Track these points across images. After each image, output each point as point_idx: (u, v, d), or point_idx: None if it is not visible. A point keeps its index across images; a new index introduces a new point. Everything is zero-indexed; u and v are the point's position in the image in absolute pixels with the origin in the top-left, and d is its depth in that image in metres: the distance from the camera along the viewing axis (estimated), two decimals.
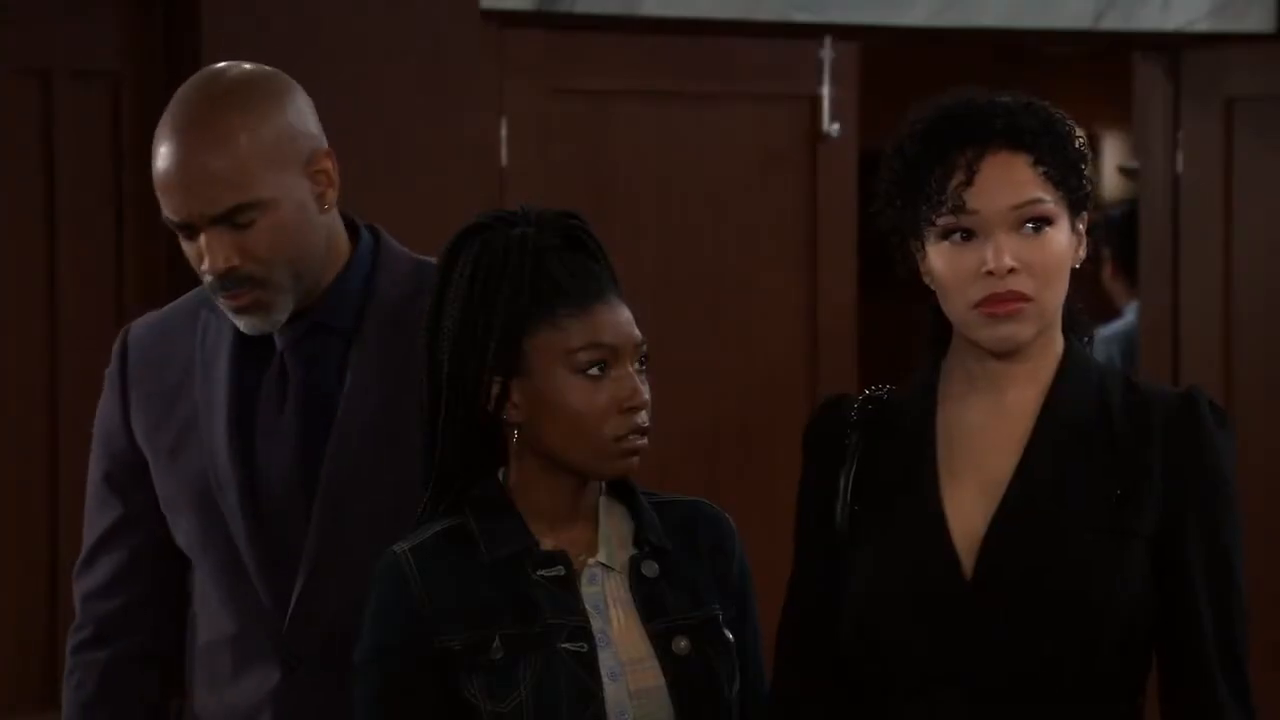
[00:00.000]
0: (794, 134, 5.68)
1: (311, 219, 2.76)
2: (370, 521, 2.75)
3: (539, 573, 2.52)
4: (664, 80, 5.54)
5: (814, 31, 5.62)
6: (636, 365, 2.53)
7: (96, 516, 2.91)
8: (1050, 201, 2.45)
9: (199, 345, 2.84)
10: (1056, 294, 2.46)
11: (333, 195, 2.79)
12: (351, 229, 2.86)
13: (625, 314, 2.54)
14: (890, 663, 2.45)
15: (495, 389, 2.52)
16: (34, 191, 4.83)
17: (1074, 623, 2.39)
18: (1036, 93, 2.58)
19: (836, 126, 5.66)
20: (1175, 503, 2.44)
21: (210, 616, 2.85)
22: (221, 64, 2.79)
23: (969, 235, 2.44)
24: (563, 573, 2.52)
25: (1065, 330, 2.53)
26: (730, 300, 5.64)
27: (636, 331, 2.54)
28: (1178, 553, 2.43)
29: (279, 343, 2.79)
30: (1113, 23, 5.78)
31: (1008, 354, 2.47)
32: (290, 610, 2.77)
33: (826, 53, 5.64)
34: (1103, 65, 7.62)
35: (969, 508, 2.46)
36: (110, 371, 2.91)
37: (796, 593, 2.56)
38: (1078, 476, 2.45)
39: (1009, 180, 2.44)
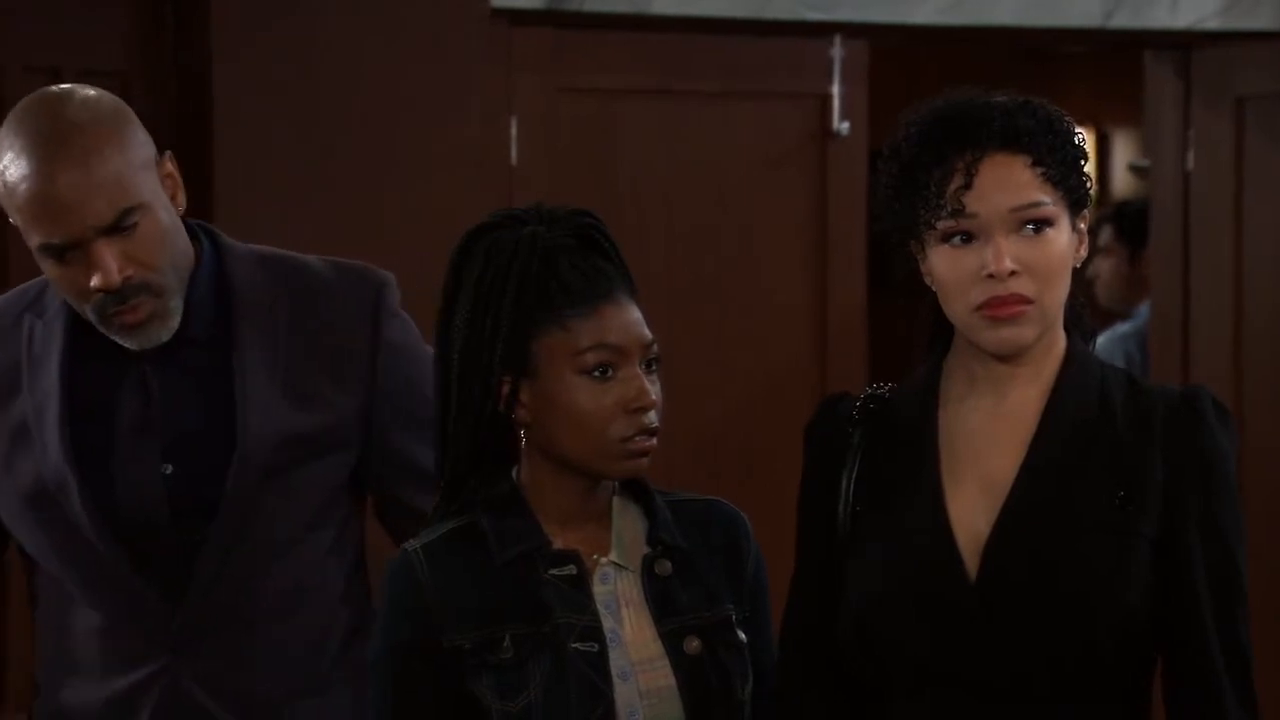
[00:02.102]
0: (804, 133, 5.68)
1: (175, 221, 2.78)
2: (272, 518, 2.80)
3: (550, 572, 2.51)
4: (674, 79, 5.54)
5: (824, 30, 5.61)
6: (646, 366, 2.53)
7: None
8: (1050, 202, 2.44)
9: (24, 352, 2.84)
10: (1058, 295, 2.45)
11: (182, 198, 2.81)
12: (189, 233, 2.87)
13: (634, 314, 2.53)
14: (892, 663, 2.45)
15: (504, 389, 2.52)
16: None
17: (1077, 623, 2.39)
18: (1046, 91, 2.57)
19: (846, 125, 5.65)
20: (1177, 502, 2.43)
21: (70, 616, 2.85)
22: (55, 88, 2.80)
23: (969, 238, 2.43)
24: (574, 572, 2.52)
25: (1068, 329, 2.52)
26: (739, 299, 5.64)
27: (645, 332, 2.53)
28: (1180, 553, 2.42)
29: (133, 352, 2.79)
30: (1122, 21, 5.78)
31: (1010, 356, 2.46)
32: (188, 606, 2.79)
33: (836, 51, 5.64)
34: (1113, 64, 7.61)
35: (971, 508, 2.45)
36: None
37: (799, 592, 2.55)
38: (1081, 477, 2.44)
39: (1008, 182, 2.43)
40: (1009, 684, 2.41)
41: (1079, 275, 2.51)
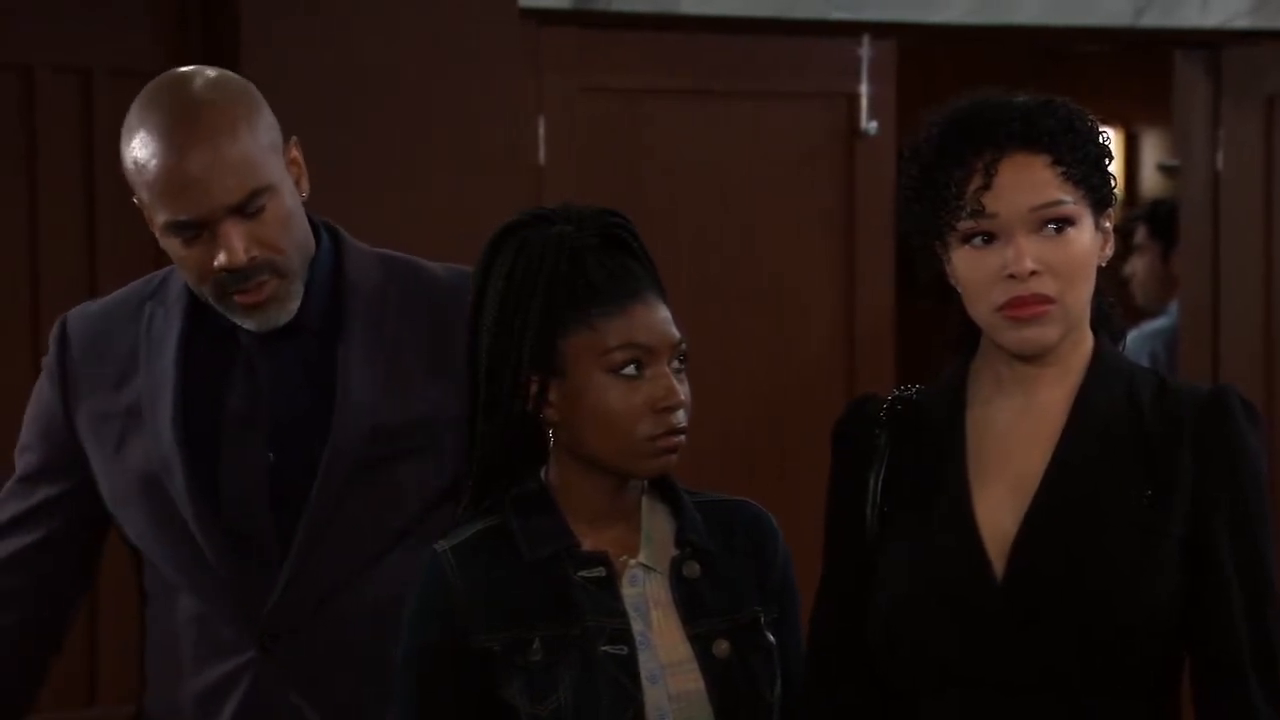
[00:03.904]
0: (832, 132, 5.67)
1: (300, 206, 2.80)
2: (363, 514, 2.79)
3: (579, 573, 2.51)
4: (701, 78, 5.54)
5: (852, 29, 5.61)
6: (675, 365, 2.53)
7: (15, 499, 2.91)
8: (1071, 201, 2.43)
9: (144, 335, 2.85)
10: (1081, 294, 2.45)
11: (306, 184, 2.82)
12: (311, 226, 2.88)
13: (663, 313, 2.53)
14: (919, 663, 2.45)
15: (533, 388, 2.52)
16: (74, 188, 4.85)
17: (1105, 622, 2.38)
18: (1073, 90, 2.57)
19: (874, 124, 5.65)
20: (1206, 501, 2.42)
21: (170, 605, 2.86)
22: (183, 69, 2.80)
23: (990, 238, 2.42)
24: (603, 574, 2.52)
25: (1096, 328, 2.51)
26: (767, 300, 5.64)
27: (674, 331, 2.53)
28: (1209, 552, 2.42)
29: (245, 339, 2.80)
30: (1152, 20, 5.76)
31: (1034, 356, 2.46)
32: (275, 596, 2.78)
33: (865, 50, 5.63)
34: (1143, 63, 7.60)
35: (999, 508, 2.45)
36: (48, 360, 2.91)
37: (827, 593, 2.55)
38: (1108, 476, 2.43)
39: (1027, 182, 2.42)
40: (1035, 681, 2.40)
41: (1113, 274, 2.50)
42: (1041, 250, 2.41)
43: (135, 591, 2.94)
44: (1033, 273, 2.40)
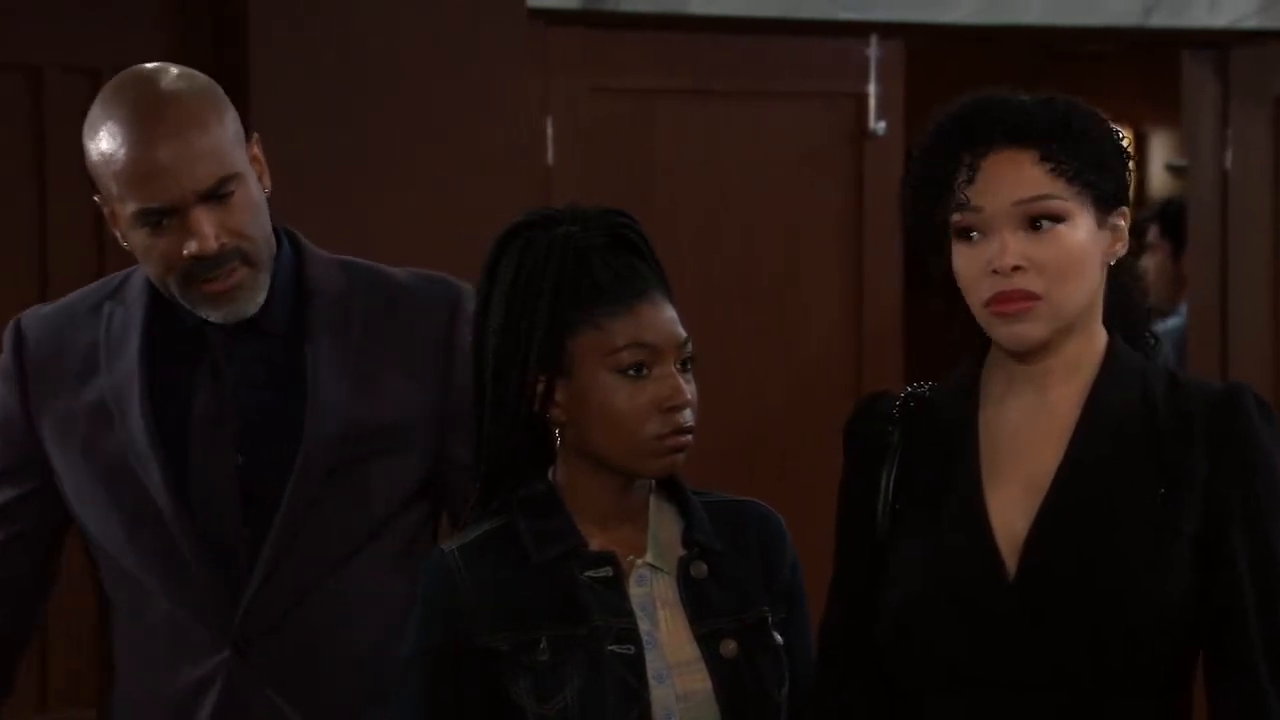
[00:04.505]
0: (840, 132, 5.67)
1: (264, 199, 2.81)
2: (334, 515, 2.79)
3: (586, 573, 2.51)
4: (709, 79, 5.54)
5: (860, 29, 5.61)
6: (681, 364, 2.53)
7: None
8: (1062, 197, 2.41)
9: (104, 334, 2.86)
10: (1072, 292, 2.43)
11: (267, 181, 2.83)
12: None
13: (669, 313, 2.53)
14: (929, 662, 2.45)
15: (540, 388, 2.52)
16: (82, 188, 4.85)
17: (1117, 620, 2.38)
18: (1081, 90, 2.56)
19: (882, 124, 5.65)
20: (1219, 498, 2.42)
21: (139, 610, 2.85)
22: (146, 65, 2.82)
23: (979, 233, 2.42)
24: (610, 574, 2.52)
25: (1110, 327, 2.51)
26: (775, 300, 5.64)
27: (680, 330, 2.53)
28: (1222, 548, 2.41)
29: (210, 338, 2.81)
30: (1160, 20, 5.76)
31: (1026, 353, 2.45)
32: (248, 598, 2.78)
33: (873, 50, 5.63)
34: (1150, 63, 7.60)
35: (1011, 506, 2.45)
36: (4, 361, 2.90)
37: (837, 592, 2.55)
38: (1121, 474, 2.43)
39: (1012, 177, 2.41)
40: (1047, 680, 2.40)
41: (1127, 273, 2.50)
42: (1028, 246, 2.40)
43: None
44: (1017, 268, 2.40)
